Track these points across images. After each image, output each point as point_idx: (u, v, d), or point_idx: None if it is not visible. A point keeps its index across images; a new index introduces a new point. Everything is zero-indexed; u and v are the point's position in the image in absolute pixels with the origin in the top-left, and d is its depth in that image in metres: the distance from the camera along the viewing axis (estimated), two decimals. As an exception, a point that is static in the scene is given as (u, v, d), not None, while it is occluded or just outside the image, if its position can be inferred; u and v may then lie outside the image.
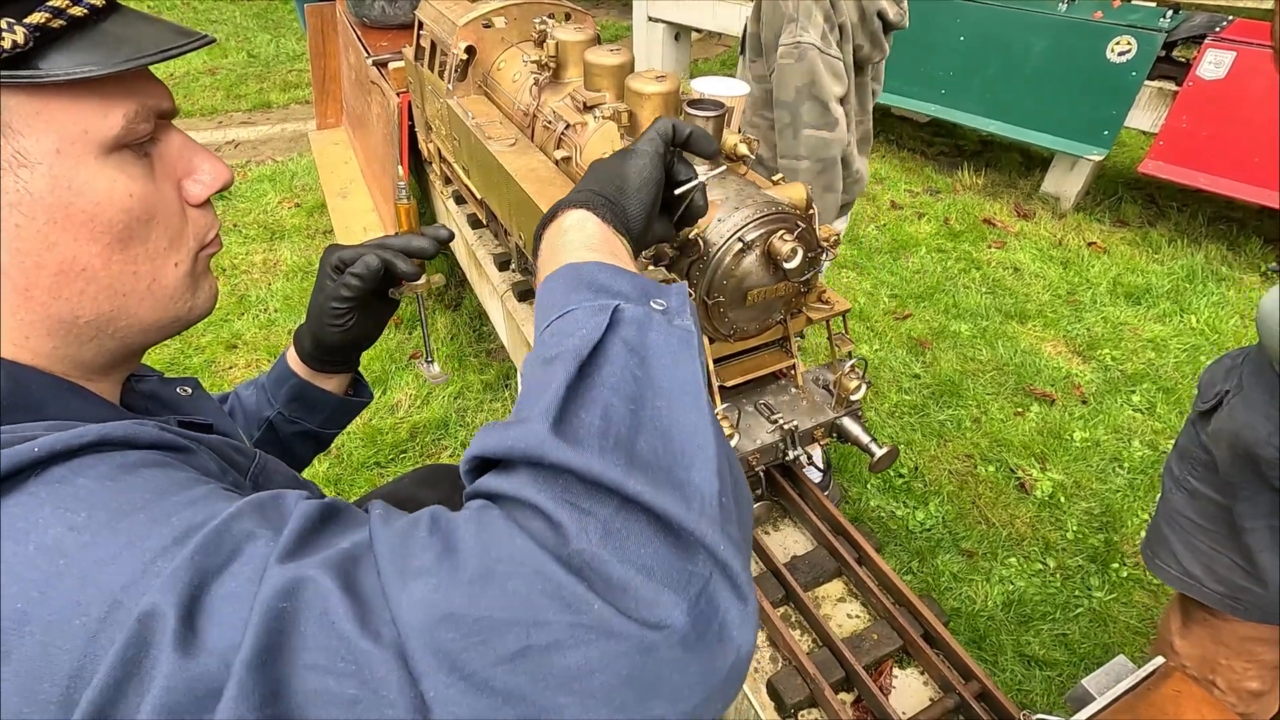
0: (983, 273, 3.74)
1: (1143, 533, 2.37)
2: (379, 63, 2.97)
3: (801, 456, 1.30)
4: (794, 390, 1.37)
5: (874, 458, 1.27)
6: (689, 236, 1.10)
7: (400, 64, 2.70)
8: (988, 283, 3.66)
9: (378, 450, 2.69)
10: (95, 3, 0.50)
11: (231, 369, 3.07)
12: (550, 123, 1.56)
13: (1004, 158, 4.92)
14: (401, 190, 1.59)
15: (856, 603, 1.26)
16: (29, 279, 0.49)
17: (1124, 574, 2.26)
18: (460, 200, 2.36)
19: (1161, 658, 1.06)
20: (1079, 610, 2.17)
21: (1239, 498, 1.17)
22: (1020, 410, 2.88)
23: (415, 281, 0.87)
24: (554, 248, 0.62)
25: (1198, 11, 4.07)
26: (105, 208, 0.51)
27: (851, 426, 1.32)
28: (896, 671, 1.15)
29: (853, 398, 1.30)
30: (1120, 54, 3.76)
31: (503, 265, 2.02)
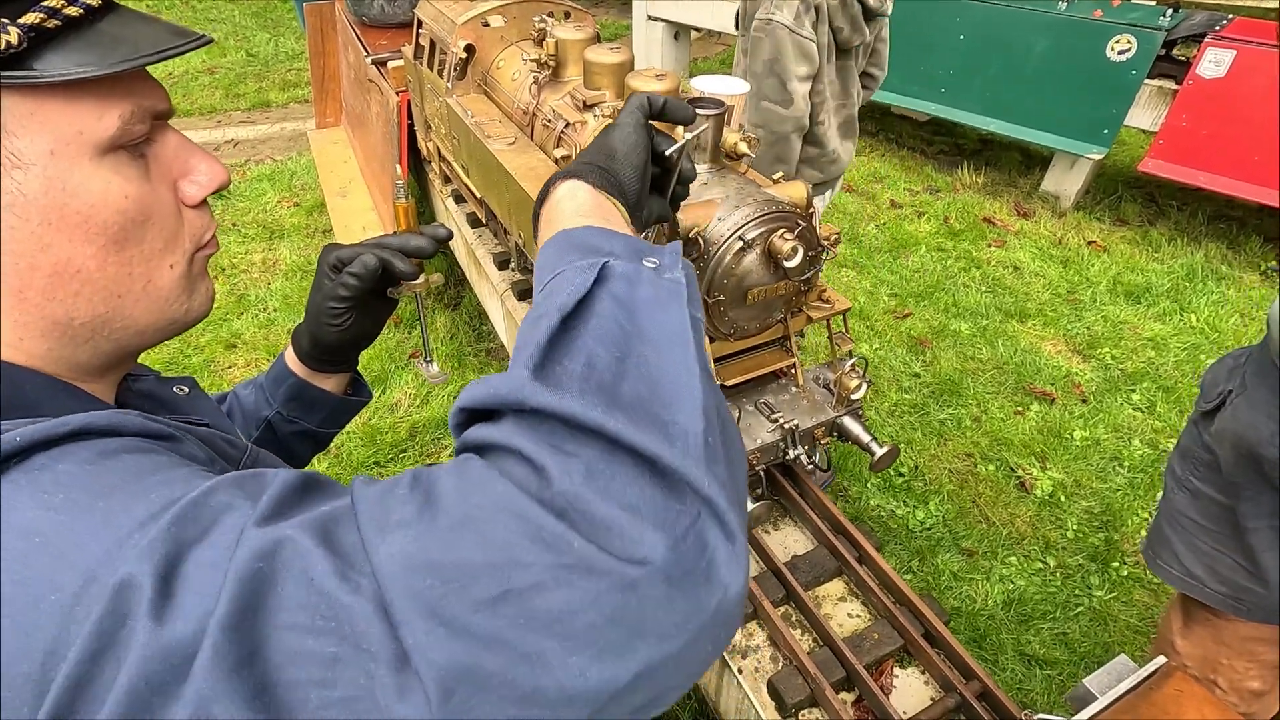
0: (983, 272, 3.74)
1: (1143, 532, 2.37)
2: (378, 61, 2.96)
3: (801, 457, 1.29)
4: (794, 389, 1.36)
5: (874, 457, 1.27)
6: (690, 235, 1.10)
7: (399, 63, 2.69)
8: (988, 282, 3.66)
9: (377, 450, 2.68)
10: (91, 2, 0.49)
11: (231, 368, 3.07)
12: (550, 121, 1.55)
13: (1004, 157, 4.92)
14: (399, 189, 1.59)
15: (857, 602, 1.25)
16: (23, 280, 0.49)
17: (1124, 573, 2.26)
18: (460, 199, 2.36)
19: (1163, 657, 1.05)
20: (1079, 609, 2.17)
21: (1242, 498, 1.16)
22: (1020, 409, 2.88)
23: (413, 281, 0.86)
24: (549, 221, 0.63)
25: (1197, 10, 4.07)
26: (100, 209, 0.51)
27: (852, 425, 1.31)
28: (897, 671, 1.15)
29: (853, 397, 1.30)
30: (1120, 53, 3.75)
31: (502, 264, 2.02)
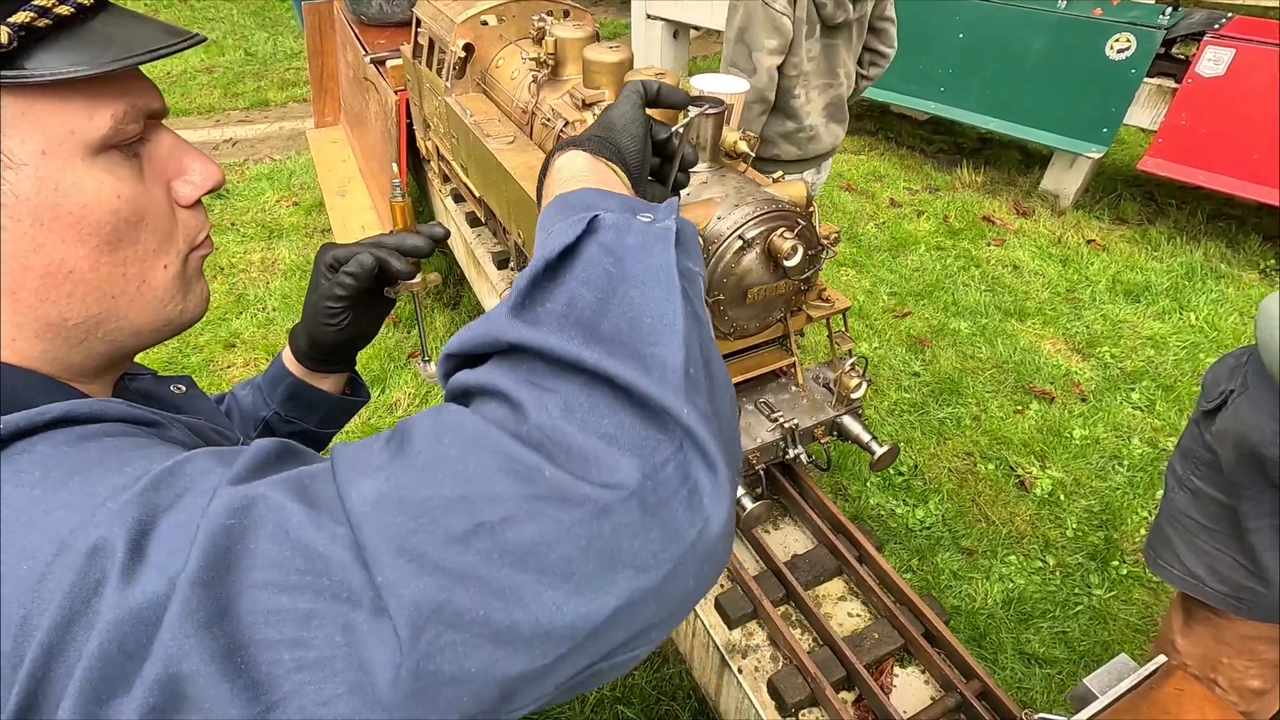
0: (982, 270, 3.74)
1: (1142, 530, 2.37)
2: (377, 60, 2.96)
3: (801, 456, 1.29)
4: (794, 388, 1.36)
5: (874, 456, 1.27)
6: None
7: (398, 62, 2.69)
8: (987, 280, 3.66)
9: (376, 449, 2.68)
10: (83, 1, 0.49)
11: (230, 368, 3.06)
12: (549, 120, 1.55)
13: (1003, 155, 4.92)
14: (396, 188, 1.58)
15: (857, 601, 1.25)
16: (15, 281, 0.49)
17: (1124, 571, 2.26)
18: (459, 198, 2.36)
19: (1163, 656, 1.05)
20: (1079, 608, 2.17)
21: (1243, 497, 1.16)
22: (1020, 408, 2.88)
23: (410, 280, 0.86)
24: (548, 191, 0.63)
25: (1197, 8, 4.07)
26: (93, 209, 0.50)
27: (852, 425, 1.31)
28: (897, 670, 1.15)
29: (853, 396, 1.30)
30: (1119, 51, 3.75)
31: (501, 263, 2.02)
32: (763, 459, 1.27)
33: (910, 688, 1.13)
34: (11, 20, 0.45)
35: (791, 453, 1.28)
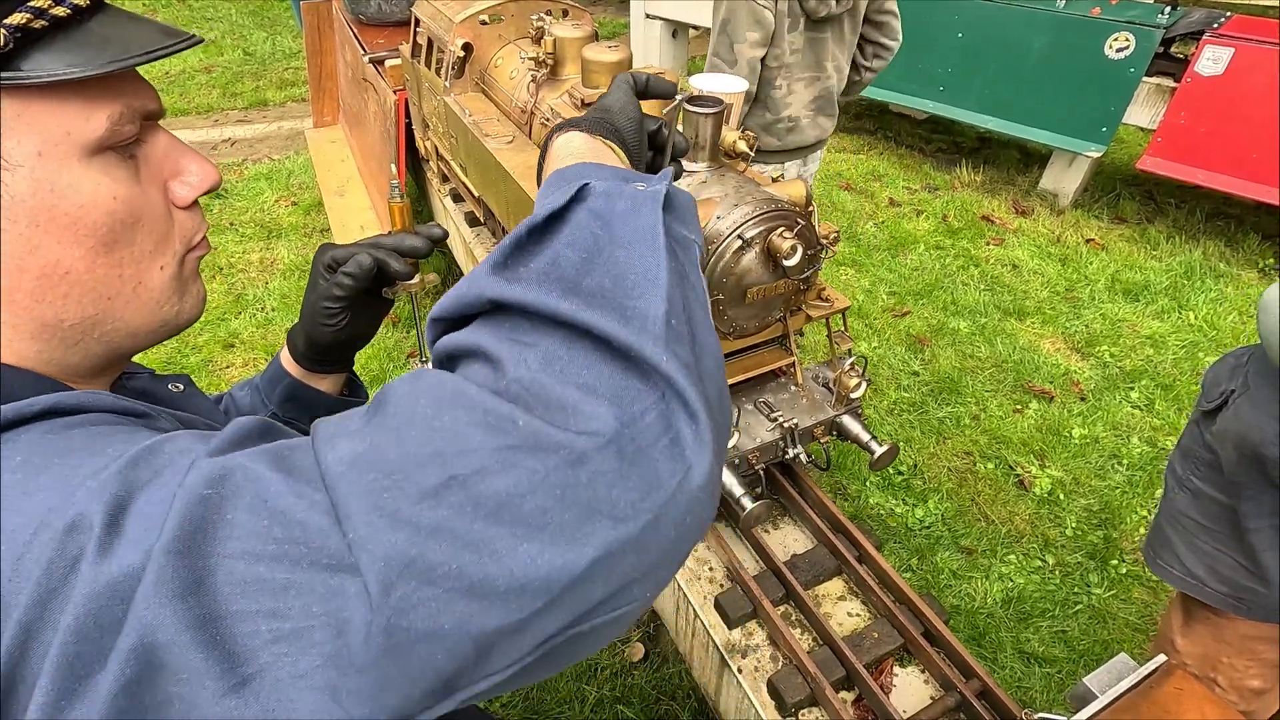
0: (981, 270, 3.74)
1: (1142, 529, 2.37)
2: (375, 60, 2.96)
3: (801, 456, 1.29)
4: (794, 388, 1.36)
5: (874, 455, 1.27)
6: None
7: (397, 61, 2.68)
8: (986, 280, 3.66)
9: (375, 449, 2.68)
10: (79, 3, 0.48)
11: (229, 368, 3.06)
12: (548, 120, 1.55)
13: (1002, 154, 4.92)
14: (394, 189, 1.59)
15: (857, 601, 1.25)
16: (11, 282, 0.49)
17: (1123, 570, 2.26)
18: (458, 198, 2.35)
19: (1163, 655, 1.05)
20: (1078, 607, 2.17)
21: (1243, 497, 1.16)
22: (1019, 407, 2.88)
23: (409, 281, 0.86)
24: (547, 171, 0.63)
25: (1195, 7, 4.07)
26: (89, 211, 0.50)
27: (851, 424, 1.31)
28: (897, 670, 1.15)
29: (852, 395, 1.29)
30: (1118, 50, 3.75)
31: (500, 263, 2.01)
32: (762, 459, 1.27)
33: (910, 687, 1.13)
34: (7, 22, 0.45)
35: (791, 452, 1.28)
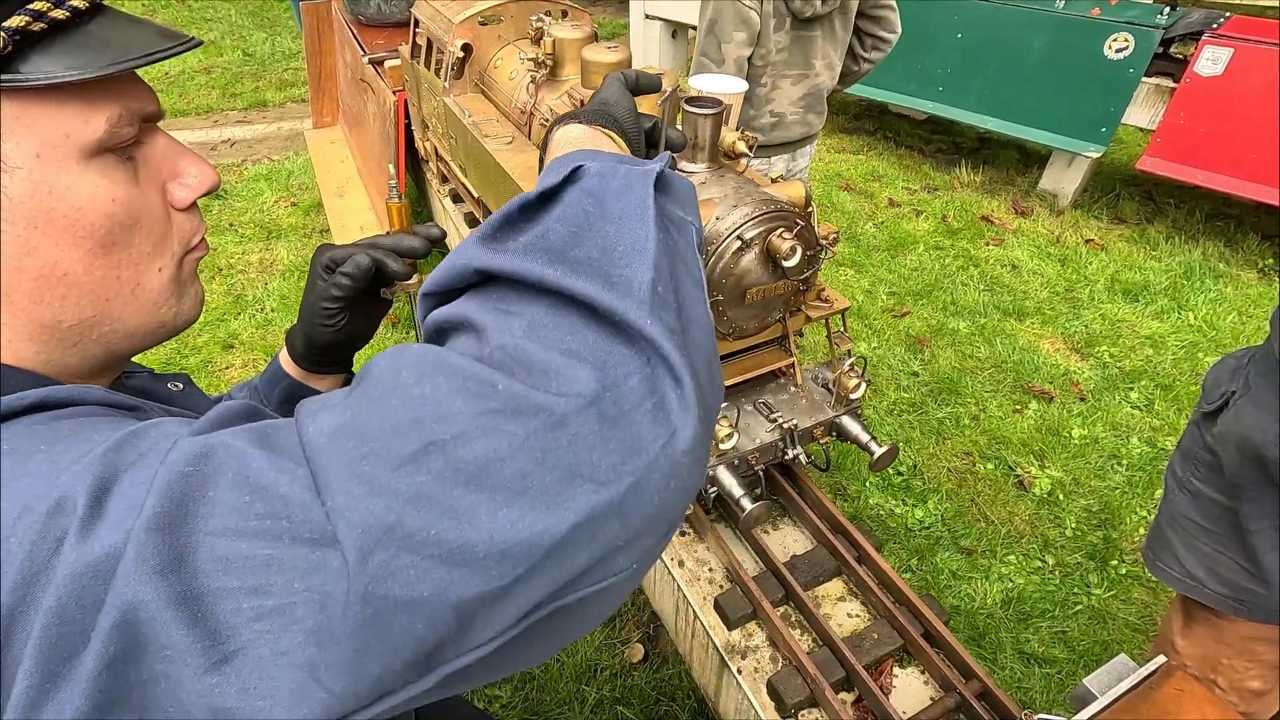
0: (981, 270, 3.74)
1: (1141, 530, 2.37)
2: (375, 61, 2.96)
3: (800, 456, 1.29)
4: (793, 389, 1.36)
5: (873, 456, 1.27)
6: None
7: (396, 62, 2.68)
8: (986, 280, 3.66)
9: (375, 450, 2.67)
10: (78, 5, 0.49)
11: (228, 369, 3.06)
12: (547, 120, 1.55)
13: (1002, 155, 4.92)
14: (393, 189, 1.58)
15: (856, 602, 1.25)
16: (9, 283, 0.49)
17: (1123, 571, 2.26)
18: (457, 199, 2.35)
19: (1163, 656, 1.05)
20: (1078, 608, 2.17)
21: (1244, 499, 1.16)
22: (1019, 407, 2.88)
23: (407, 281, 0.86)
24: (546, 161, 0.63)
25: (1195, 8, 4.07)
26: (87, 213, 0.50)
27: (851, 425, 1.31)
28: (897, 671, 1.15)
29: (852, 396, 1.29)
30: (1118, 51, 3.75)
31: (499, 264, 2.01)
32: (762, 459, 1.27)
33: (910, 688, 1.12)
34: (7, 25, 0.45)
35: (790, 453, 1.28)
